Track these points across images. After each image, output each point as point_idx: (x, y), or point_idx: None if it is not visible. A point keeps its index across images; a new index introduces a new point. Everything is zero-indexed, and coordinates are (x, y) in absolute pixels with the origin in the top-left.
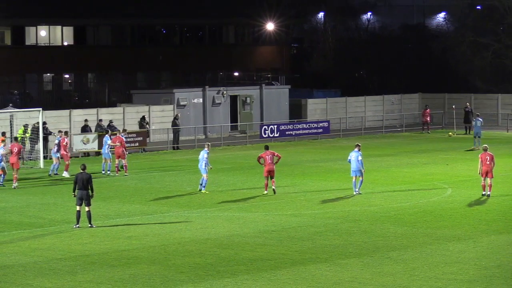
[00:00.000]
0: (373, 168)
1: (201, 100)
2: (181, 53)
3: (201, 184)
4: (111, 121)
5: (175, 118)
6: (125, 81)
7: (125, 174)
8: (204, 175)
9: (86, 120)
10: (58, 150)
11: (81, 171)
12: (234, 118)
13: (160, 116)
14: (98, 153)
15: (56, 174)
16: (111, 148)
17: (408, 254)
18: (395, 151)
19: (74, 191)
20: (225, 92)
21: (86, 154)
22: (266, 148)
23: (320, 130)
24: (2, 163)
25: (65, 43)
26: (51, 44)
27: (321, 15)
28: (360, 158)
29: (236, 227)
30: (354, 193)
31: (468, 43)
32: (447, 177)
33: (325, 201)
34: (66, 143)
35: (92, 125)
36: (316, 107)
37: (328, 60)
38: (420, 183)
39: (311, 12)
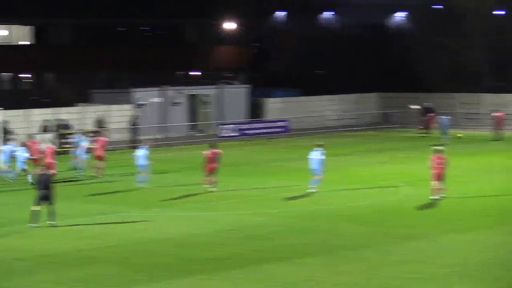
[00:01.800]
0: (331, 167)
1: (160, 99)
2: (140, 53)
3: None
4: (67, 121)
5: (134, 117)
6: (84, 81)
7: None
8: (145, 172)
9: (45, 120)
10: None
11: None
12: (192, 117)
13: (119, 116)
14: (56, 153)
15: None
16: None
17: (365, 253)
18: (353, 150)
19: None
20: (183, 91)
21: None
22: (211, 146)
23: (280, 129)
24: None
25: (25, 43)
26: (11, 43)
27: (281, 14)
28: (321, 157)
29: (194, 227)
30: (309, 189)
31: (427, 43)
32: (405, 176)
33: (283, 200)
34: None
35: (51, 124)
36: (275, 107)
37: (288, 59)
38: (377, 182)
39: (271, 12)
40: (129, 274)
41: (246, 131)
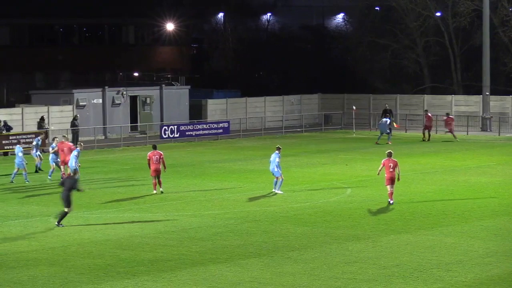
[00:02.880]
0: None
1: (100, 100)
2: (80, 53)
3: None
4: (5, 121)
5: (74, 118)
6: (23, 81)
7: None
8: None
9: None
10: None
11: None
12: (134, 118)
13: (59, 117)
14: None
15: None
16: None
17: (308, 254)
18: (295, 152)
19: None
20: (124, 92)
21: None
22: (154, 147)
23: (220, 131)
24: None
25: None
26: None
27: (220, 15)
28: (277, 160)
29: (136, 228)
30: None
31: (366, 44)
32: (347, 177)
33: (225, 201)
34: None
35: None
36: (216, 108)
37: (228, 60)
38: (319, 183)
39: (211, 13)
40: (70, 276)
41: (187, 132)
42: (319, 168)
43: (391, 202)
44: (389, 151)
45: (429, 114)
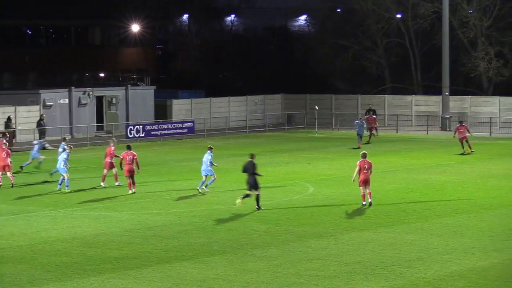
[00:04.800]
0: (236, 167)
1: (67, 100)
2: (47, 54)
3: (59, 184)
4: None
5: (41, 118)
6: None
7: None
8: (65, 174)
9: None
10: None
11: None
12: (100, 118)
13: (26, 117)
14: None
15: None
16: None
17: (271, 251)
18: (258, 151)
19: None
20: (91, 92)
21: None
22: (128, 148)
23: (185, 130)
24: None
25: None
26: None
27: (185, 17)
28: (209, 158)
29: (102, 226)
30: (199, 190)
31: (328, 45)
32: (309, 175)
33: (190, 200)
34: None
35: None
36: (181, 108)
37: (192, 61)
38: (282, 182)
39: (175, 14)
40: (38, 273)
41: (153, 132)
42: (282, 167)
43: (365, 203)
44: (363, 152)
45: (370, 116)
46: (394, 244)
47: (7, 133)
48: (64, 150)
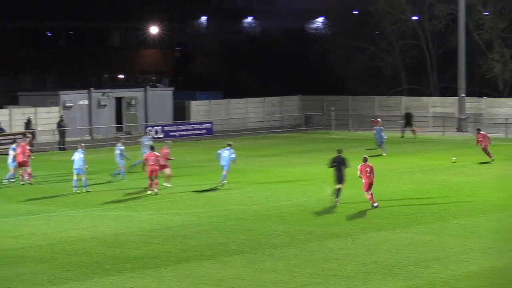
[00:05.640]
0: (255, 168)
1: (86, 102)
2: (66, 56)
3: (75, 186)
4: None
5: (61, 119)
6: (11, 83)
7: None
8: (82, 176)
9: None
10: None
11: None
12: (119, 119)
13: (46, 118)
14: None
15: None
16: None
17: (289, 251)
18: (276, 152)
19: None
20: (110, 94)
21: None
22: (152, 149)
23: (204, 131)
24: None
25: None
26: None
27: (203, 19)
28: (233, 155)
29: (121, 226)
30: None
31: (345, 46)
32: (327, 176)
33: (208, 200)
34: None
35: None
36: (199, 109)
37: (210, 63)
38: (300, 182)
39: (194, 17)
40: (58, 273)
41: (171, 133)
42: (300, 167)
43: (376, 205)
44: (364, 156)
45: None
46: (411, 244)
47: (27, 133)
48: (121, 151)
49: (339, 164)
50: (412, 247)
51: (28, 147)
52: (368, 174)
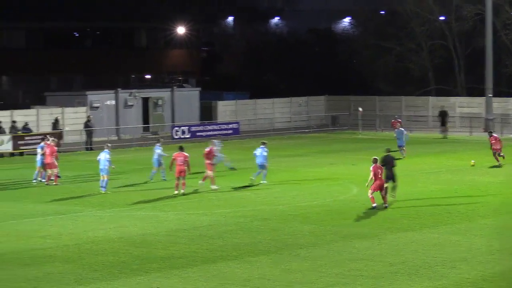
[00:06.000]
0: (281, 168)
1: (113, 102)
2: (93, 56)
3: (101, 186)
4: (26, 124)
5: (88, 120)
6: (38, 84)
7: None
8: (107, 176)
9: None
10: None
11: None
12: (146, 119)
13: (73, 118)
14: (12, 154)
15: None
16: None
17: (316, 252)
18: (303, 152)
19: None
20: (137, 94)
21: (0, 155)
22: (180, 149)
23: (230, 131)
24: None
25: None
26: None
27: (230, 19)
28: (265, 153)
29: (148, 226)
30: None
31: (371, 47)
32: (353, 176)
33: (235, 200)
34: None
35: (6, 126)
36: (226, 109)
37: (237, 63)
38: (327, 183)
39: (220, 17)
40: (85, 273)
41: (198, 133)
42: (326, 167)
43: (375, 205)
44: (374, 157)
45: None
46: (438, 244)
47: (47, 136)
48: (161, 150)
49: (388, 163)
50: (438, 248)
51: (56, 148)
52: (379, 176)
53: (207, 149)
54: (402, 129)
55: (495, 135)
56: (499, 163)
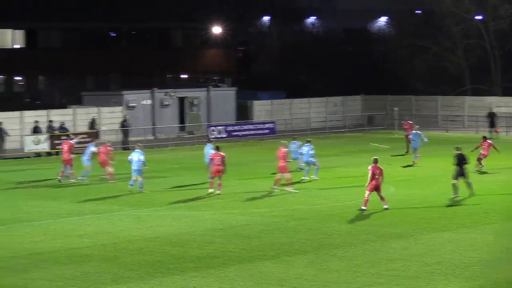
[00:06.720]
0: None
1: (149, 101)
2: (129, 56)
3: (140, 187)
4: (62, 123)
5: (124, 119)
6: (74, 83)
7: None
8: (139, 177)
9: (36, 121)
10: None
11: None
12: (182, 119)
13: (109, 118)
14: (49, 154)
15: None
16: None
17: (352, 251)
18: (339, 152)
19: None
20: (173, 94)
21: (37, 155)
22: (217, 149)
23: (266, 131)
24: None
25: (16, 46)
26: (2, 47)
27: (266, 19)
28: (311, 151)
29: (184, 225)
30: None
31: (407, 46)
32: (389, 176)
33: (271, 200)
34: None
35: (43, 126)
36: (262, 109)
37: (273, 62)
38: (363, 182)
39: (256, 16)
40: (121, 272)
41: (234, 133)
42: (362, 167)
43: (365, 207)
44: (375, 157)
45: (408, 122)
46: (474, 244)
47: (71, 135)
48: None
49: (460, 161)
50: (475, 248)
51: (110, 149)
52: (377, 176)
53: (282, 150)
54: (419, 131)
55: (489, 141)
56: (481, 166)
